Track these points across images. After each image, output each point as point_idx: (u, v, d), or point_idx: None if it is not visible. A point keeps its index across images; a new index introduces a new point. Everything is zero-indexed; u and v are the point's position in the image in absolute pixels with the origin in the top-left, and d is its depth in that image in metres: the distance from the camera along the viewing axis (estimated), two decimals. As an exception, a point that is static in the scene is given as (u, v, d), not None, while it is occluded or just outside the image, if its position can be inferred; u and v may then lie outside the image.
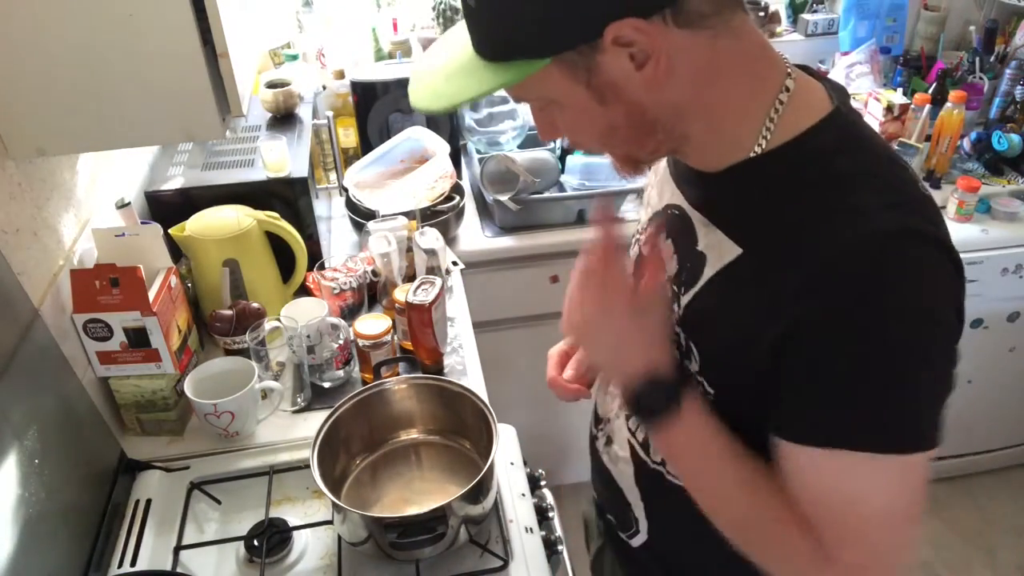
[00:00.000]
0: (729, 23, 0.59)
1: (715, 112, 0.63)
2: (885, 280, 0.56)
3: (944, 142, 1.85)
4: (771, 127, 0.62)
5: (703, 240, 0.69)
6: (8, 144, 0.95)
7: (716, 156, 0.66)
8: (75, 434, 1.00)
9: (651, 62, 0.57)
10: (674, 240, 0.74)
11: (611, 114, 0.62)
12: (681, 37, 0.56)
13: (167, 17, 0.89)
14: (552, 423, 1.97)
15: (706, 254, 0.68)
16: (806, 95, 0.64)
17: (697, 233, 0.70)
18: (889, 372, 0.57)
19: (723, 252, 0.66)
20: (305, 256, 1.37)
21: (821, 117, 0.63)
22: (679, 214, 0.74)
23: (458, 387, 1.06)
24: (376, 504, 1.03)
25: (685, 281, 0.71)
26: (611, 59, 0.57)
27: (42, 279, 1.03)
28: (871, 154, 0.63)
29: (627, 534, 0.90)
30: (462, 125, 1.87)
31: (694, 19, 0.56)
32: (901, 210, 0.58)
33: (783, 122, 0.62)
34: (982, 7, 2.22)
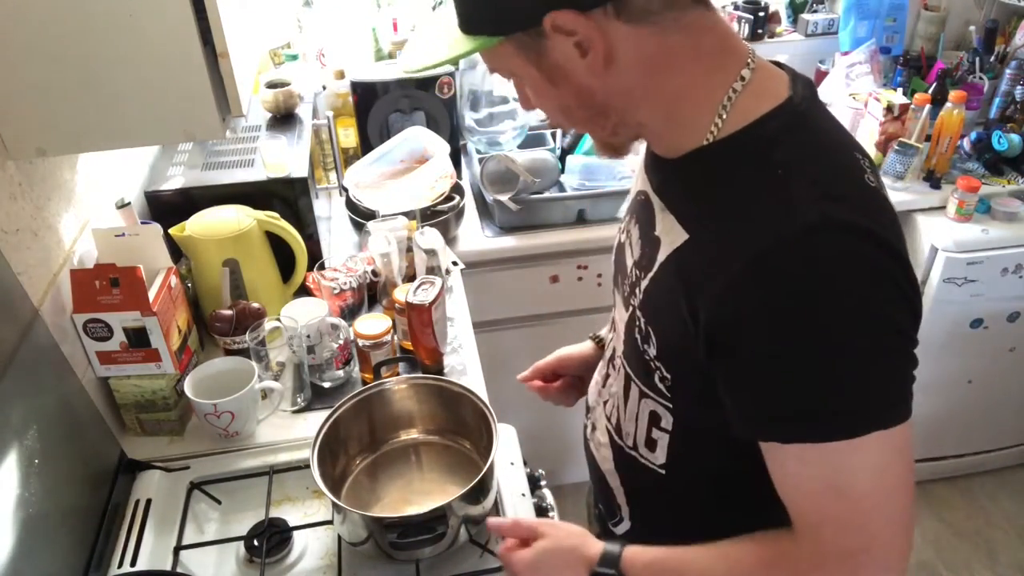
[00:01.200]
0: (680, 20, 0.61)
1: (669, 100, 0.65)
2: (810, 274, 0.56)
3: (944, 142, 1.85)
4: (723, 115, 0.64)
5: (659, 225, 0.71)
6: (8, 144, 0.95)
7: (674, 143, 0.68)
8: (75, 434, 1.00)
9: (592, 51, 0.60)
10: (639, 226, 0.77)
11: (563, 95, 0.65)
12: (626, 30, 0.60)
13: (167, 17, 0.89)
14: (552, 423, 1.97)
15: (661, 238, 0.71)
16: (764, 85, 0.65)
17: (656, 218, 0.72)
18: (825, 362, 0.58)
19: (674, 237, 0.68)
20: (305, 256, 1.37)
21: (772, 106, 0.64)
22: (644, 200, 0.76)
23: (458, 387, 1.06)
24: (376, 504, 1.03)
25: (644, 266, 0.73)
26: (557, 45, 0.61)
27: (42, 279, 1.03)
28: (812, 144, 0.64)
29: (613, 522, 0.91)
30: (462, 125, 1.87)
31: (638, 15, 0.59)
32: (832, 202, 0.58)
33: (736, 111, 0.64)
34: (982, 7, 2.22)
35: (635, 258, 0.76)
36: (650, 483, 0.81)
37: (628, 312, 0.77)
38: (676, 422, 0.75)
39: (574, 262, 1.76)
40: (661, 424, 0.76)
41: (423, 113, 1.77)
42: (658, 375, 0.72)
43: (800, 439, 0.61)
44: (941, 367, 1.96)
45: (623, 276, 0.81)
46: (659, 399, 0.74)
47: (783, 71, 0.68)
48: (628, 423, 0.81)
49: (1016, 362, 2.00)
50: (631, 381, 0.78)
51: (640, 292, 0.74)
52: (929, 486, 2.26)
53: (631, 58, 0.61)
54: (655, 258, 0.71)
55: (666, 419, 0.75)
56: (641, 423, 0.78)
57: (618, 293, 0.84)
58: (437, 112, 1.77)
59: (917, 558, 2.07)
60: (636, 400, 0.78)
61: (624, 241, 0.82)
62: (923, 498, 2.23)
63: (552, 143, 1.94)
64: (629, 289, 0.77)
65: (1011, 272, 1.80)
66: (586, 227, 1.74)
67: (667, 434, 0.76)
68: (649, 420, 0.77)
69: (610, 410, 0.85)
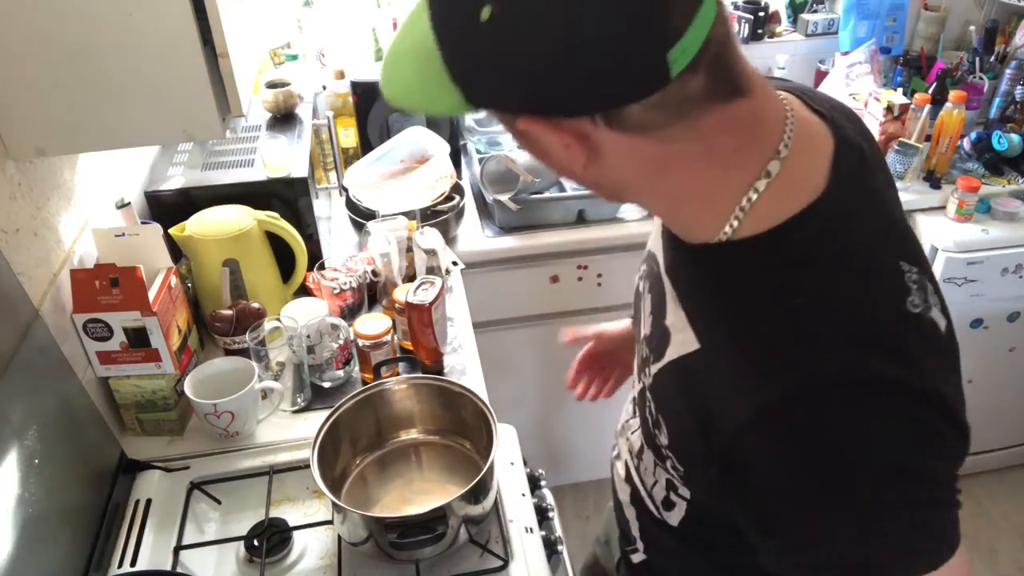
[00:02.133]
0: (694, 127, 0.52)
1: (671, 198, 0.58)
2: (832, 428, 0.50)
3: (944, 142, 1.85)
4: (741, 216, 0.56)
5: (671, 316, 0.65)
6: (8, 144, 0.95)
7: (686, 228, 0.62)
8: (75, 434, 1.00)
9: (572, 150, 0.53)
10: (651, 298, 0.70)
11: (549, 164, 0.59)
12: (616, 137, 0.52)
13: (167, 17, 0.89)
14: (552, 423, 1.97)
15: (671, 333, 0.64)
16: (794, 175, 0.55)
17: (667, 306, 0.66)
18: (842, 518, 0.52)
19: (684, 341, 0.61)
20: (305, 256, 1.37)
21: (804, 206, 0.55)
22: (656, 272, 0.70)
23: (458, 387, 1.06)
24: (376, 504, 1.03)
25: (655, 350, 0.67)
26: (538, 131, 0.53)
27: (42, 279, 1.03)
28: (844, 263, 0.55)
29: (629, 549, 0.90)
30: (462, 125, 1.87)
31: (633, 127, 0.51)
32: (859, 348, 0.51)
33: (760, 207, 0.55)
34: (982, 7, 2.22)
35: (646, 332, 0.70)
36: (663, 533, 0.77)
37: (640, 384, 0.72)
38: (694, 496, 0.70)
39: (574, 262, 1.76)
40: (679, 492, 0.72)
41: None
42: (670, 463, 0.67)
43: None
44: (941, 367, 1.96)
45: (638, 329, 0.76)
46: (673, 475, 0.69)
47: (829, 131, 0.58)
48: (645, 477, 0.77)
49: (1016, 362, 2.00)
50: (644, 444, 0.74)
51: (649, 375, 0.68)
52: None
53: (623, 161, 0.54)
54: (664, 349, 0.65)
55: (683, 490, 0.71)
56: (658, 487, 0.74)
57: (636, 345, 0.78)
58: (437, 112, 1.77)
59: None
60: (651, 463, 0.74)
61: (642, 293, 0.75)
62: (923, 498, 2.23)
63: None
64: (642, 361, 0.71)
65: (1011, 272, 1.80)
66: (586, 227, 1.74)
67: (685, 502, 0.72)
68: (667, 486, 0.73)
69: (629, 450, 0.82)
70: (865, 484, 0.51)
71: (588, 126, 0.52)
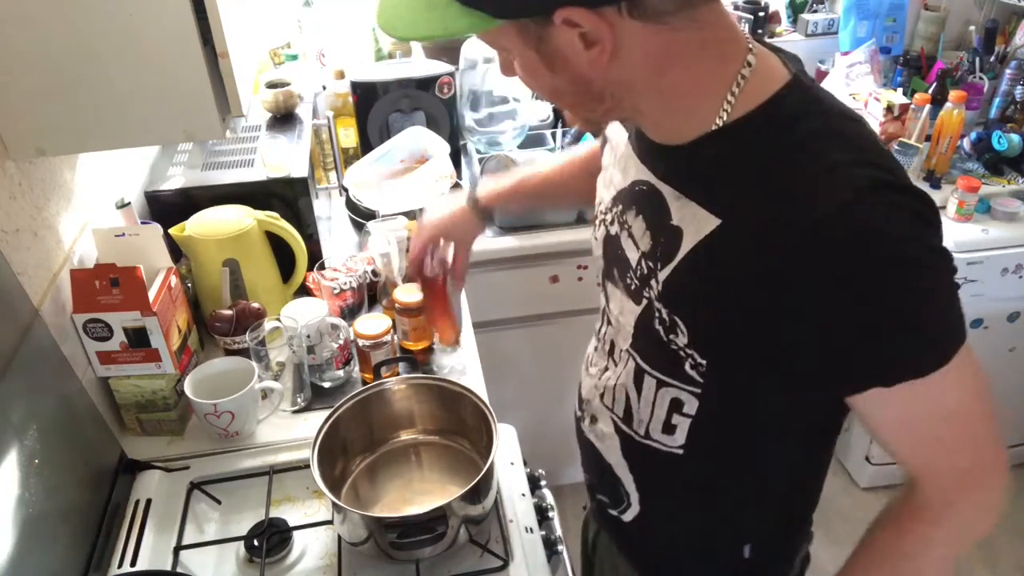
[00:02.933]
0: (693, 16, 0.60)
1: (671, 93, 0.64)
2: (872, 228, 0.58)
3: (944, 142, 1.85)
4: (732, 101, 0.64)
5: (676, 214, 0.69)
6: (8, 144, 0.95)
7: (675, 130, 0.68)
8: (75, 434, 1.00)
9: (598, 46, 0.59)
10: (645, 217, 0.75)
11: (558, 80, 0.64)
12: (635, 27, 0.58)
13: (167, 17, 0.89)
14: (552, 423, 1.97)
15: (681, 227, 0.69)
16: (765, 67, 0.66)
17: (670, 207, 0.70)
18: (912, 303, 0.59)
19: (700, 224, 0.67)
20: (305, 256, 1.37)
21: (781, 86, 0.64)
22: (647, 189, 0.74)
23: (458, 387, 1.06)
24: (376, 504, 1.03)
25: (661, 257, 0.72)
26: (561, 34, 0.59)
27: (42, 279, 1.03)
28: (832, 115, 0.65)
29: (619, 510, 0.91)
30: (462, 125, 1.87)
31: (652, 14, 0.58)
32: (871, 167, 0.60)
33: (744, 94, 0.64)
34: (982, 7, 2.22)
35: (643, 250, 0.75)
36: (664, 467, 0.81)
37: (641, 305, 0.76)
38: (702, 407, 0.74)
39: (574, 262, 1.76)
40: (683, 410, 0.75)
41: (423, 113, 1.76)
42: (690, 362, 0.71)
43: (903, 379, 0.62)
44: (941, 367, 1.96)
45: (622, 270, 0.80)
46: (685, 386, 0.73)
47: (769, 48, 0.69)
48: (642, 411, 0.80)
49: (1016, 362, 2.00)
50: (644, 372, 0.77)
51: (658, 284, 0.72)
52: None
53: (637, 54, 0.61)
54: (676, 248, 0.69)
55: (690, 405, 0.75)
56: (659, 411, 0.78)
57: (616, 288, 0.83)
58: (437, 112, 1.77)
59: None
60: (652, 390, 0.77)
61: (618, 233, 0.81)
62: (923, 498, 2.23)
63: (552, 143, 1.94)
64: (639, 282, 0.76)
65: (1011, 272, 1.80)
66: (586, 227, 1.74)
67: (689, 419, 0.75)
68: (670, 407, 0.77)
69: (612, 401, 0.85)
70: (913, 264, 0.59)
71: (615, 16, 0.58)
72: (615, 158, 0.83)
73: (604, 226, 0.85)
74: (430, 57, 1.96)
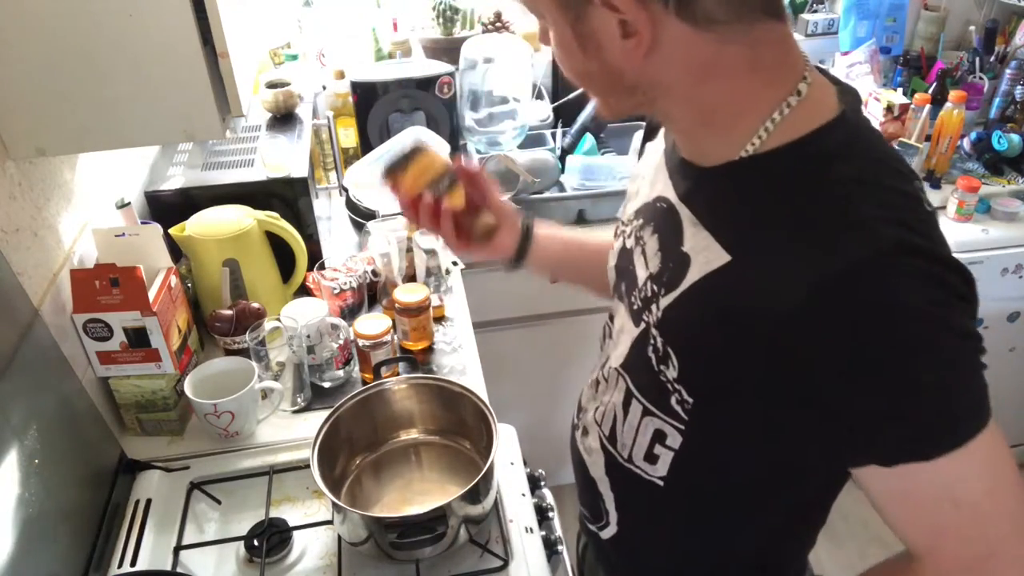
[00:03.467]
0: (749, 32, 0.56)
1: (706, 107, 0.61)
2: (886, 294, 0.53)
3: (944, 142, 1.85)
4: (770, 128, 0.59)
5: (689, 241, 0.66)
6: (8, 144, 0.95)
7: (703, 149, 0.64)
8: (75, 434, 1.00)
9: (635, 38, 0.56)
10: (660, 236, 0.71)
11: (588, 63, 0.61)
12: (681, 29, 0.55)
13: (167, 17, 0.89)
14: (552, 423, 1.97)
15: (691, 256, 0.65)
16: (816, 98, 0.61)
17: (684, 232, 0.67)
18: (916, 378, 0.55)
19: (709, 257, 0.63)
20: (305, 256, 1.37)
21: (826, 120, 0.60)
22: (667, 208, 0.70)
23: (458, 387, 1.06)
24: (376, 504, 1.03)
25: (666, 283, 0.68)
26: (600, 16, 0.56)
27: (42, 279, 1.03)
28: (873, 161, 0.60)
29: (598, 526, 0.89)
30: (462, 125, 1.87)
31: (701, 19, 0.55)
32: (903, 226, 0.55)
33: (785, 124, 0.59)
34: (982, 7, 2.22)
35: (651, 271, 0.71)
36: (644, 494, 0.77)
37: (639, 329, 0.72)
38: (686, 443, 0.70)
39: (574, 262, 1.76)
40: (666, 442, 0.72)
41: (423, 113, 1.77)
42: (676, 397, 0.67)
43: (908, 459, 0.57)
44: (941, 367, 1.96)
45: (630, 286, 0.76)
46: (669, 419, 0.69)
47: (828, 79, 0.63)
48: (625, 435, 0.77)
49: (1016, 362, 2.00)
50: (632, 396, 0.74)
51: (658, 310, 0.69)
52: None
53: (678, 57, 0.57)
54: (682, 276, 0.65)
55: (673, 439, 0.71)
56: (642, 439, 0.74)
57: (622, 304, 0.79)
58: (437, 112, 1.77)
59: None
60: (637, 416, 0.73)
61: (632, 248, 0.77)
62: (923, 498, 2.23)
63: (552, 143, 1.94)
64: (641, 304, 0.72)
65: (1011, 272, 1.80)
66: (586, 227, 1.74)
67: (672, 452, 0.72)
68: (653, 437, 0.73)
69: (601, 417, 0.82)
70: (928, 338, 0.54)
71: (660, 11, 0.55)
72: (649, 167, 0.80)
73: (623, 238, 0.81)
74: (430, 57, 1.97)
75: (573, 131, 1.90)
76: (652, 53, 0.57)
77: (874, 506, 0.63)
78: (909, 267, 0.54)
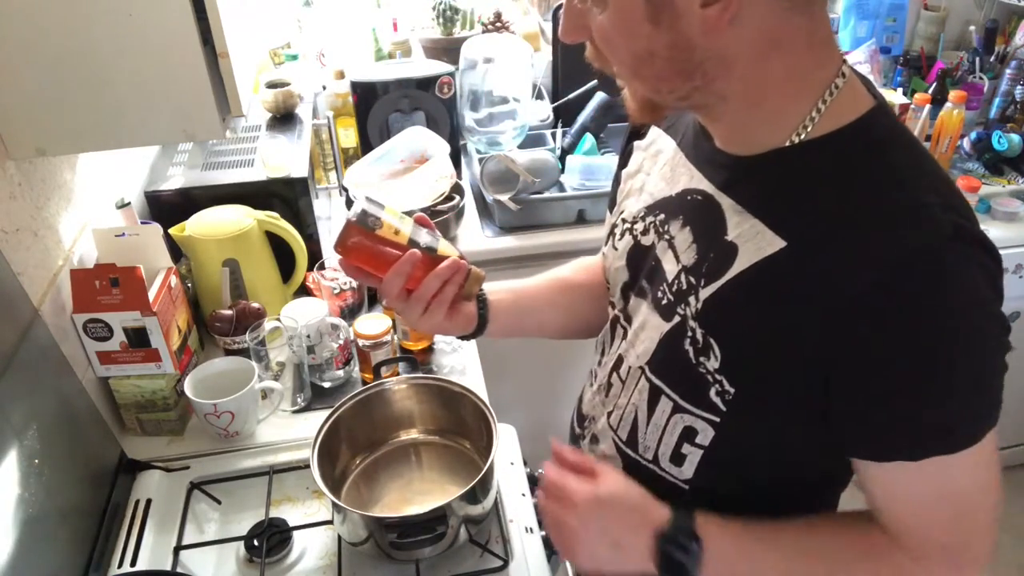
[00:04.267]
0: (811, 4, 0.57)
1: (762, 84, 0.60)
2: (950, 281, 0.55)
3: (944, 142, 1.85)
4: (822, 109, 0.60)
5: (735, 230, 0.65)
6: (8, 144, 0.95)
7: (751, 135, 0.64)
8: (75, 434, 1.00)
9: (719, 5, 0.54)
10: (694, 228, 0.70)
11: (656, 39, 0.58)
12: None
13: (167, 17, 0.89)
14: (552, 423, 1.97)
15: (737, 245, 0.64)
16: (854, 85, 0.62)
17: (727, 222, 0.66)
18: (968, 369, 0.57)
19: (761, 244, 0.62)
20: (305, 256, 1.37)
21: (867, 109, 0.61)
22: (702, 199, 0.69)
23: (458, 387, 1.06)
24: (376, 504, 1.03)
25: (707, 273, 0.67)
26: None
27: (42, 279, 1.03)
28: (916, 148, 0.61)
29: None
30: (462, 125, 1.87)
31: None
32: (955, 212, 0.57)
33: (831, 110, 0.60)
34: (982, 7, 2.22)
35: (685, 264, 0.70)
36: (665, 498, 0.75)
37: (672, 322, 0.71)
38: (717, 438, 0.69)
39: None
40: (696, 440, 0.71)
41: (423, 113, 1.77)
42: (716, 388, 0.66)
43: (936, 453, 0.59)
44: (941, 367, 1.96)
45: (655, 283, 0.75)
46: (705, 413, 0.68)
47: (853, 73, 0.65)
48: (649, 437, 0.75)
49: (1016, 362, 1.99)
50: (661, 393, 0.72)
51: (697, 302, 0.67)
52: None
53: (752, 27, 0.56)
54: (727, 266, 0.65)
55: (704, 435, 0.70)
56: (669, 438, 0.73)
57: (643, 301, 0.77)
58: (437, 112, 1.78)
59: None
60: (665, 414, 0.72)
61: (654, 243, 0.76)
62: (923, 498, 2.23)
63: (552, 143, 1.94)
64: (674, 298, 0.71)
65: (1011, 272, 1.80)
66: (586, 227, 1.74)
67: (701, 450, 0.71)
68: (681, 435, 0.72)
69: (617, 421, 0.80)
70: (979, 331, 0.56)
71: None
72: (655, 166, 0.79)
73: (630, 235, 0.80)
74: (430, 57, 1.97)
75: (573, 131, 1.90)
76: (731, 24, 0.55)
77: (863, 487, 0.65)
78: (968, 254, 0.56)
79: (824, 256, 0.58)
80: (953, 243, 0.55)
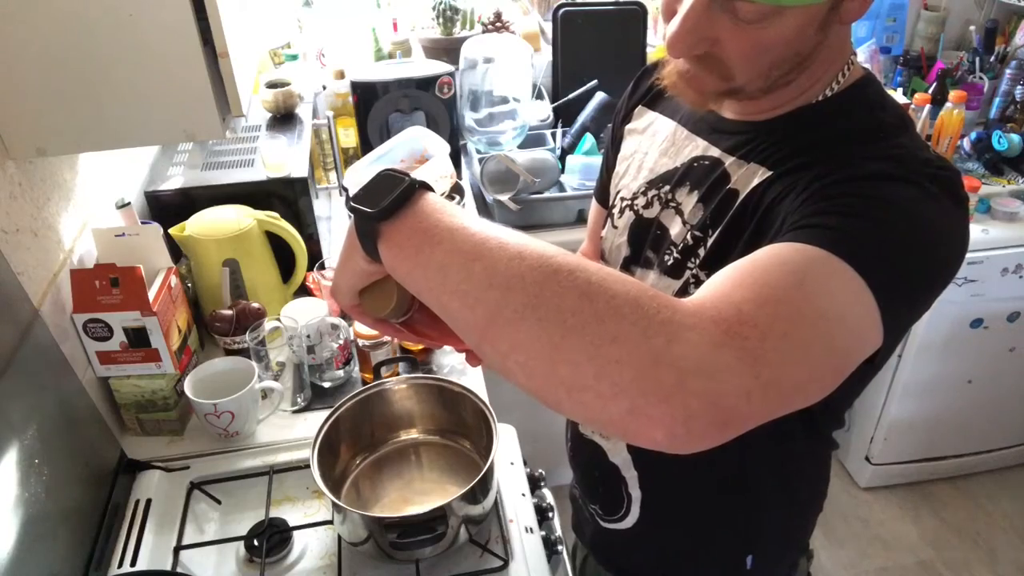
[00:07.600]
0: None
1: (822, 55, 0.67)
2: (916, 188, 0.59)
3: (944, 142, 1.85)
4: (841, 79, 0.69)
5: (737, 178, 0.72)
6: (8, 144, 0.95)
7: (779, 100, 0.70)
8: (75, 434, 1.00)
9: None
10: (700, 190, 0.76)
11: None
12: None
13: (167, 17, 0.88)
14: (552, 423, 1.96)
15: (738, 189, 0.72)
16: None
17: (731, 176, 0.73)
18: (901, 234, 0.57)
19: (751, 179, 0.70)
20: (305, 256, 1.37)
21: (861, 75, 0.70)
22: (709, 164, 0.76)
23: (458, 387, 1.06)
24: (376, 504, 1.03)
25: (711, 223, 0.73)
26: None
27: (42, 279, 1.03)
28: (901, 113, 0.69)
29: (614, 519, 0.89)
30: (462, 125, 1.87)
31: None
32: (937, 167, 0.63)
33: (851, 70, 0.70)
34: (982, 7, 2.22)
35: (692, 222, 0.76)
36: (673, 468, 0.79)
37: (681, 279, 0.76)
38: None
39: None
40: None
41: (423, 113, 1.77)
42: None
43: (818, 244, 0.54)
44: (941, 367, 1.96)
45: (660, 248, 0.79)
46: None
47: None
48: None
49: (1016, 362, 2.00)
50: None
51: (705, 249, 0.73)
52: (929, 486, 2.25)
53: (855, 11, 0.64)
54: (730, 208, 0.71)
55: None
56: None
57: (648, 271, 0.82)
58: (437, 112, 1.78)
59: (917, 557, 2.07)
60: None
61: (658, 214, 0.81)
62: (923, 498, 2.23)
63: (552, 143, 1.94)
64: (681, 256, 0.76)
65: (1011, 272, 1.80)
66: (586, 227, 1.74)
67: None
68: None
69: None
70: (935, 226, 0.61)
71: None
72: (653, 144, 0.84)
73: (631, 211, 0.85)
74: (430, 57, 1.97)
75: (573, 131, 1.90)
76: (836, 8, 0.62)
77: None
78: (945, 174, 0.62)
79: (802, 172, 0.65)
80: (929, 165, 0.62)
